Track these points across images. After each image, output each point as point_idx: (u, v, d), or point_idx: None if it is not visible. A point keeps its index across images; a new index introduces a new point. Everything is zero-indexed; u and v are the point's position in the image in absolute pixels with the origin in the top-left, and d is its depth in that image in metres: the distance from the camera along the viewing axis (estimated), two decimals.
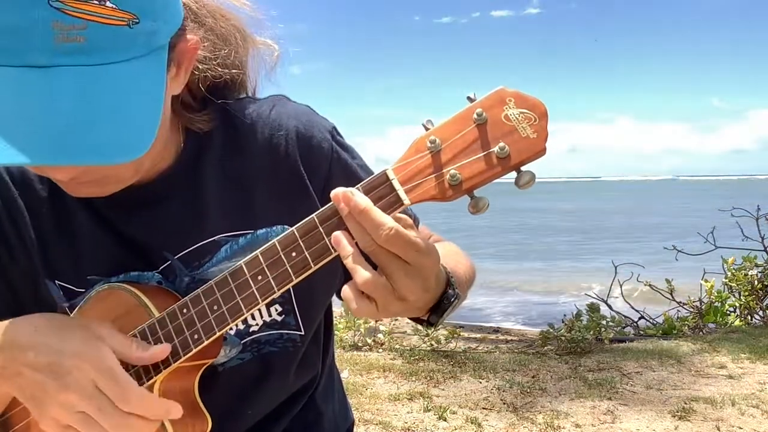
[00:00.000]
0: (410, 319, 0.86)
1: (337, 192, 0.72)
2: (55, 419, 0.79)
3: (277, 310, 0.99)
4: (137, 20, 0.71)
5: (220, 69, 0.93)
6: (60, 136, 0.66)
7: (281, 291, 0.79)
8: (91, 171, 0.78)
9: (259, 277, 0.80)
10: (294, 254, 0.77)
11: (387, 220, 0.70)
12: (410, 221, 0.72)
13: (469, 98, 0.71)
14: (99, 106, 0.68)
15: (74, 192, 0.84)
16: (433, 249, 0.73)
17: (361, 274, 0.71)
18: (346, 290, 0.74)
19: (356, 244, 0.73)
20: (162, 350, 0.83)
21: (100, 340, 0.80)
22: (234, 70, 0.96)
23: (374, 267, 0.73)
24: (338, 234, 0.73)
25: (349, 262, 0.72)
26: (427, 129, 0.72)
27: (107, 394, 0.77)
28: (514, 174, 0.70)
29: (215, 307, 0.83)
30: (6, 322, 0.83)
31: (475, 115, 0.69)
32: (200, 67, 0.91)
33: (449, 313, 0.83)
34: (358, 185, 0.73)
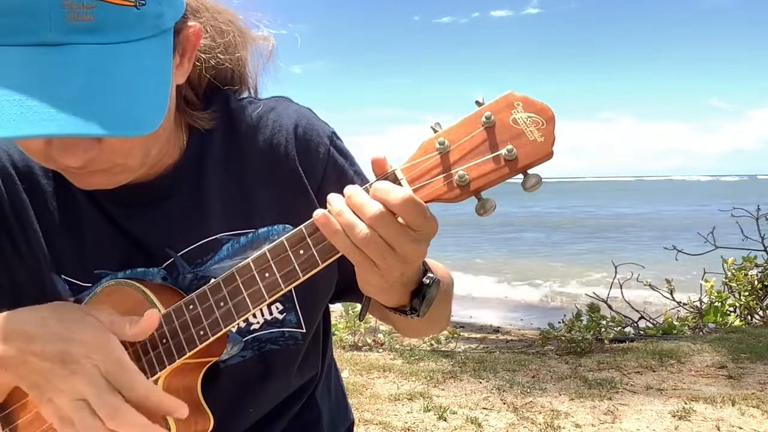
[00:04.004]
0: (397, 310, 0.85)
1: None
2: (56, 407, 0.78)
3: (278, 308, 0.99)
4: (144, 2, 0.72)
5: (221, 56, 0.94)
6: (74, 107, 0.66)
7: (288, 288, 0.80)
8: (101, 158, 0.78)
9: (267, 274, 0.80)
10: (302, 252, 0.78)
11: (396, 188, 0.72)
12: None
13: (477, 102, 0.72)
14: (111, 81, 0.69)
15: (83, 183, 0.84)
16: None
17: (362, 227, 0.72)
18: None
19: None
20: (150, 318, 0.82)
21: (107, 330, 0.80)
22: (235, 55, 0.97)
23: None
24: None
25: (345, 219, 0.73)
26: (435, 131, 0.73)
27: (114, 383, 0.77)
28: (520, 177, 0.71)
29: (222, 304, 0.84)
30: (11, 312, 0.83)
31: (483, 119, 0.70)
32: (202, 57, 0.92)
33: (432, 296, 0.83)
34: (366, 184, 0.74)
